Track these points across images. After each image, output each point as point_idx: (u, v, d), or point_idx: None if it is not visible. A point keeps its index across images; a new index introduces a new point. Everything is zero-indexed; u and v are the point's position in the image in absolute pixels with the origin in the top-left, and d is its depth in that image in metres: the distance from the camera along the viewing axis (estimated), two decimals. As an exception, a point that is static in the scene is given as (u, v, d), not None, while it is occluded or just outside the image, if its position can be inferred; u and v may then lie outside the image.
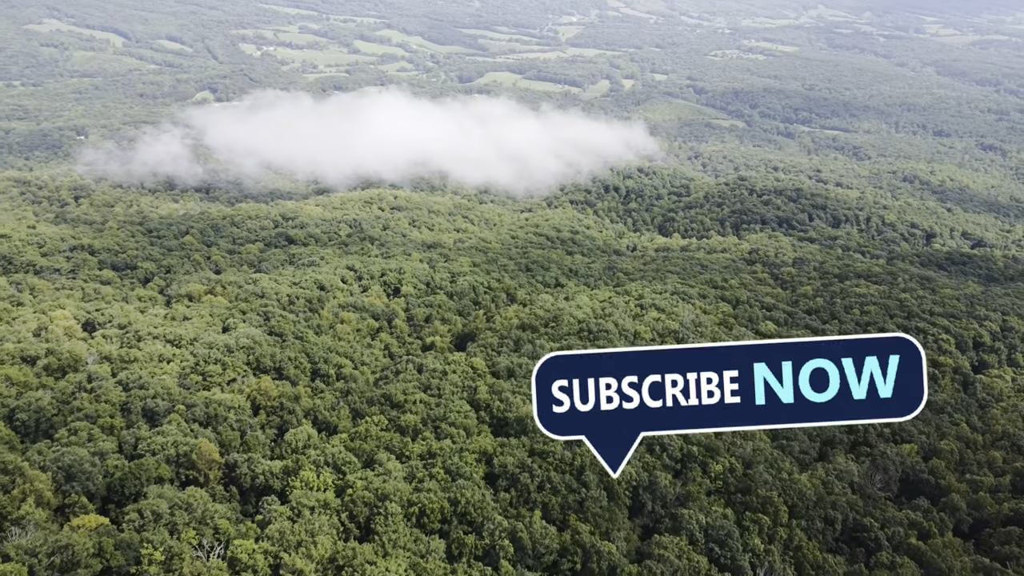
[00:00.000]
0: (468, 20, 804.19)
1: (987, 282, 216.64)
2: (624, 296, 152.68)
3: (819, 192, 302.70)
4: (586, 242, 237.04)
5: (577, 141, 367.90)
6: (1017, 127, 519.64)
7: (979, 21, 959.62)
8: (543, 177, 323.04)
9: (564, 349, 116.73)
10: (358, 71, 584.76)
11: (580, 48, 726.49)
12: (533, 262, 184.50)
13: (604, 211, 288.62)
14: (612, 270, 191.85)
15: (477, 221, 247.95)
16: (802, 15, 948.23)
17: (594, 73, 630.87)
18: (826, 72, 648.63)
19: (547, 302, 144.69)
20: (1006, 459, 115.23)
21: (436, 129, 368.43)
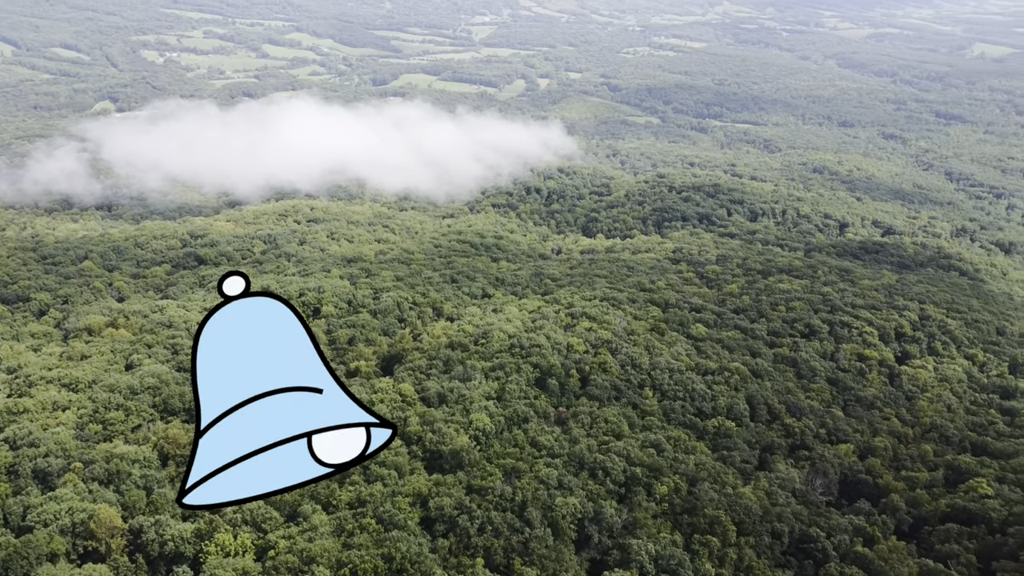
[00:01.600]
0: (380, 22, 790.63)
1: (900, 269, 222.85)
2: (554, 305, 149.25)
3: (736, 187, 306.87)
4: (511, 247, 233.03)
5: (497, 143, 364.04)
6: (915, 116, 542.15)
7: (873, 15, 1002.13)
8: (464, 181, 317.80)
9: (496, 368, 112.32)
10: (268, 76, 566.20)
11: (494, 48, 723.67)
12: (459, 272, 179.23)
13: (527, 214, 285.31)
14: (539, 276, 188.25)
15: (399, 230, 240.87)
16: (708, 11, 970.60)
17: (509, 73, 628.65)
18: (734, 67, 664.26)
19: (475, 316, 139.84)
20: (936, 452, 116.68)
21: (352, 135, 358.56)
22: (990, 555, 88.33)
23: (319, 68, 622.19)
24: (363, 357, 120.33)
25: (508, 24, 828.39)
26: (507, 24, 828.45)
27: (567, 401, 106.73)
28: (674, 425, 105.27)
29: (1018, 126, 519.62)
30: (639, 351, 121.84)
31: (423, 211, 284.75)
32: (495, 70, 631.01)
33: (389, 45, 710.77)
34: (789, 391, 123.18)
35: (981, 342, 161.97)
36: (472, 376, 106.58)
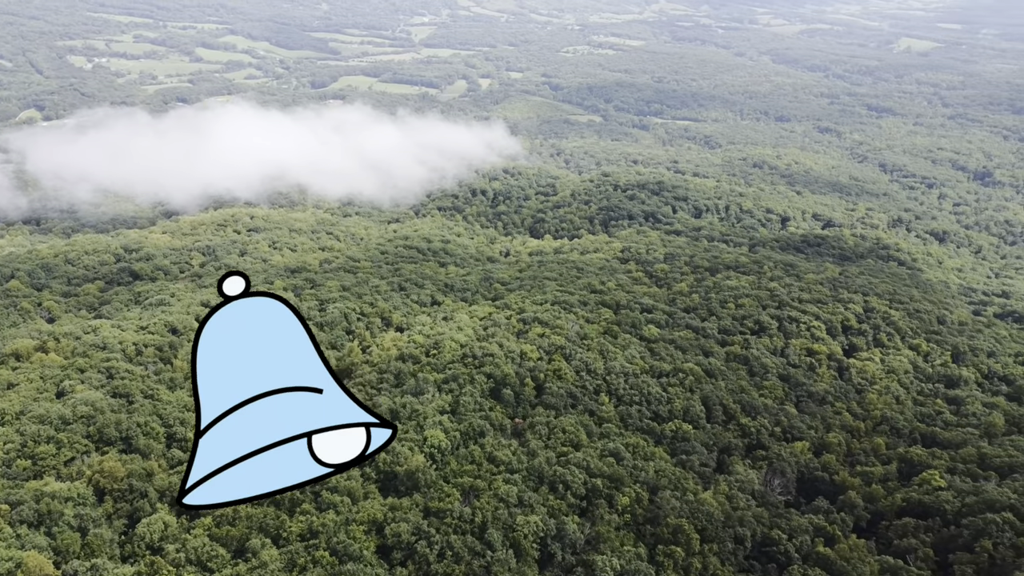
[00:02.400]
0: (317, 23, 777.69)
1: (841, 261, 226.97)
2: (505, 311, 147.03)
3: (679, 184, 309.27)
4: (459, 251, 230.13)
5: (440, 145, 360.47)
6: (848, 110, 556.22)
7: (804, 11, 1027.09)
8: (408, 185, 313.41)
9: (449, 380, 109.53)
10: (202, 80, 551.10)
11: (434, 48, 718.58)
12: (407, 280, 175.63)
13: (474, 216, 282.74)
14: (489, 281, 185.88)
15: (343, 237, 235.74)
16: (645, 10, 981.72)
17: (450, 73, 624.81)
18: (672, 64, 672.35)
19: (426, 325, 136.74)
20: (889, 444, 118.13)
21: (291, 139, 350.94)
22: (946, 547, 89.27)
23: (255, 71, 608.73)
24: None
25: (448, 24, 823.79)
26: (446, 24, 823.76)
27: (523, 411, 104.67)
28: (632, 431, 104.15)
29: (945, 117, 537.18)
30: (593, 356, 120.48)
31: (368, 216, 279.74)
32: (436, 71, 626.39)
33: (327, 47, 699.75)
34: (743, 390, 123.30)
35: (924, 332, 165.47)
36: (425, 390, 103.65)
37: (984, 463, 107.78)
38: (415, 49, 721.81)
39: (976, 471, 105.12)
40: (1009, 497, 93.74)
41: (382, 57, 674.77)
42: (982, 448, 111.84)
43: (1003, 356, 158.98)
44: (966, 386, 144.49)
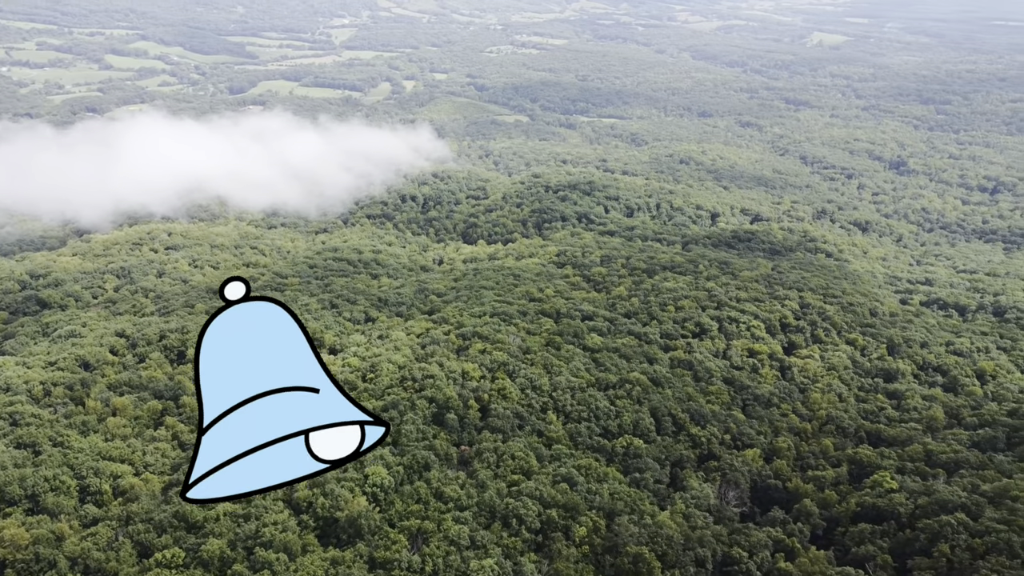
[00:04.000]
0: (233, 27, 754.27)
1: (772, 256, 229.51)
2: (443, 326, 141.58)
3: (610, 183, 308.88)
4: (391, 261, 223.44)
5: (366, 151, 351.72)
6: (767, 104, 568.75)
7: (721, 8, 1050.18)
8: (335, 192, 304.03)
9: (389, 407, 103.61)
10: (113, 88, 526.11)
11: (356, 51, 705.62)
12: (338, 296, 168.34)
13: (404, 223, 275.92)
14: (424, 292, 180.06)
15: (269, 251, 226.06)
16: (566, 8, 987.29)
17: (373, 76, 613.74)
18: (596, 63, 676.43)
19: (360, 346, 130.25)
20: (836, 445, 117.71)
21: (209, 149, 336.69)
22: (903, 552, 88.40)
23: (169, 78, 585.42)
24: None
25: (368, 26, 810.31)
26: (367, 26, 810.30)
27: (469, 437, 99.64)
28: (582, 450, 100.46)
29: (859, 109, 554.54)
30: (537, 371, 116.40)
31: (294, 228, 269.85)
32: (358, 73, 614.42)
33: (244, 51, 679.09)
34: (690, 397, 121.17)
35: (859, 325, 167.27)
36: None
37: (931, 460, 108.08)
38: (336, 52, 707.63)
39: (924, 469, 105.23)
40: (960, 496, 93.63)
41: (302, 60, 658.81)
42: (928, 445, 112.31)
43: (935, 346, 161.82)
44: (904, 379, 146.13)
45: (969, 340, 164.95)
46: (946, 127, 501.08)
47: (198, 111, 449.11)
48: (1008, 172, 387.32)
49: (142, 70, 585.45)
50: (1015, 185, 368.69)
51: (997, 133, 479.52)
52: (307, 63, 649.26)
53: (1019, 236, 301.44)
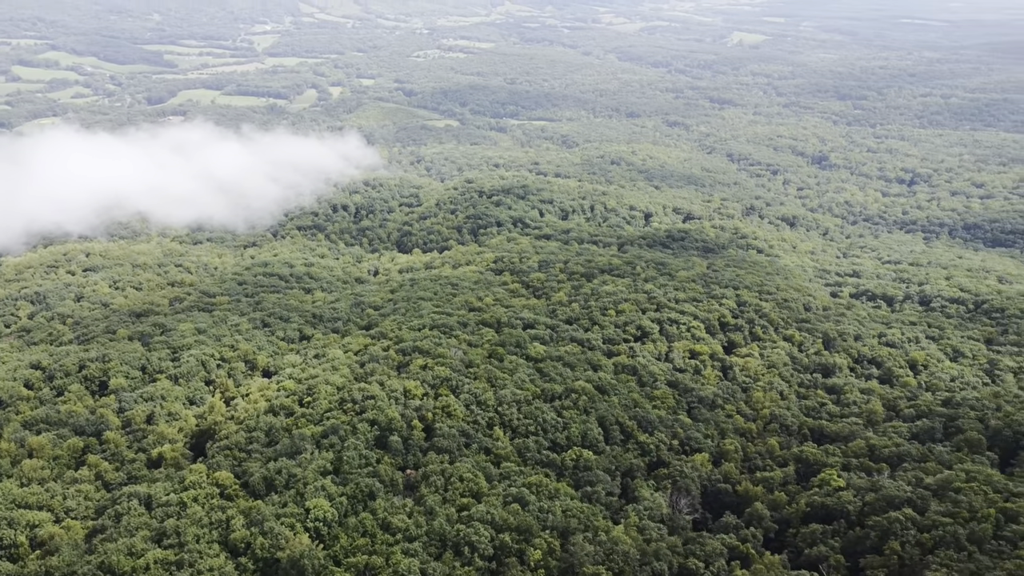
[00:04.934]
0: (149, 35, 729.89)
1: (705, 254, 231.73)
2: (381, 341, 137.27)
3: (543, 186, 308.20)
4: (324, 274, 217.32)
5: (294, 160, 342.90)
6: (692, 103, 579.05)
7: (643, 9, 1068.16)
8: (263, 204, 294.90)
9: (329, 432, 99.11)
10: (22, 101, 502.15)
11: (279, 57, 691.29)
12: (270, 314, 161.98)
13: (337, 234, 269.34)
14: (360, 306, 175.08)
15: (195, 269, 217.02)
16: (492, 12, 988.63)
17: (299, 83, 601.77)
18: (523, 66, 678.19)
19: (296, 367, 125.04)
20: (782, 444, 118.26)
21: (128, 163, 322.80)
22: (855, 551, 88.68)
23: (83, 89, 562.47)
24: (166, 439, 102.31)
25: (291, 32, 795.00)
26: (290, 32, 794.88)
27: (414, 459, 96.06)
28: (531, 466, 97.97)
29: (780, 106, 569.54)
30: (482, 385, 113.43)
31: (221, 242, 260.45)
32: (283, 81, 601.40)
33: (162, 60, 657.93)
34: (636, 403, 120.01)
35: (794, 321, 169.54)
36: (302, 448, 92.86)
37: (874, 455, 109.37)
38: (259, 59, 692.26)
39: (869, 464, 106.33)
40: (905, 490, 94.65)
41: (224, 68, 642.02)
42: (870, 439, 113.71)
43: (868, 338, 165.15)
44: (841, 373, 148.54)
45: (900, 331, 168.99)
46: (863, 122, 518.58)
47: (115, 123, 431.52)
48: (923, 164, 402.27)
49: (53, 81, 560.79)
50: (930, 176, 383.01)
51: (911, 126, 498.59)
52: (229, 71, 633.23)
53: (937, 226, 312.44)
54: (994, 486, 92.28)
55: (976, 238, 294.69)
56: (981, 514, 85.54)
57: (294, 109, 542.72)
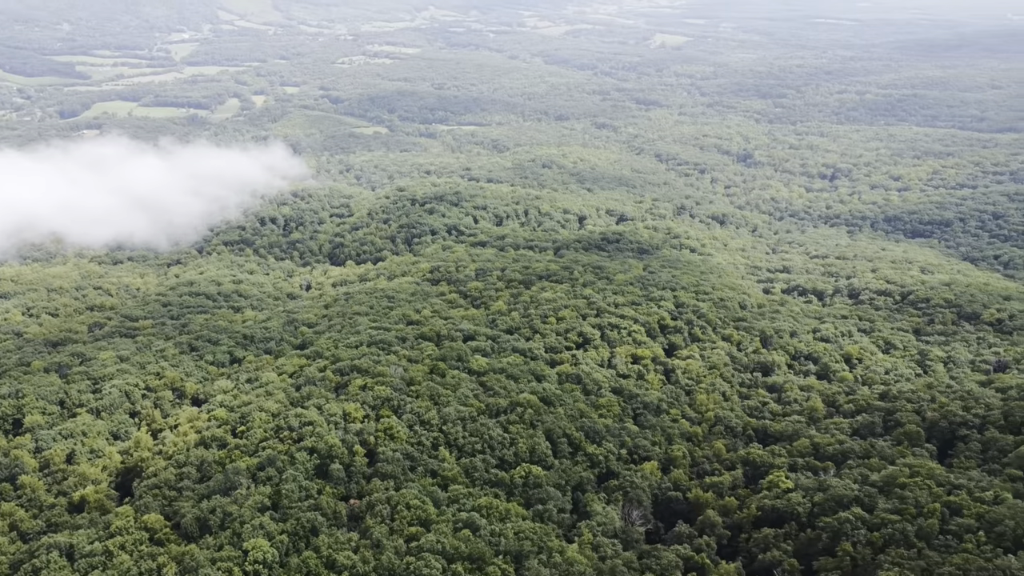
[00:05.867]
0: (59, 45, 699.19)
1: (640, 255, 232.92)
2: (317, 361, 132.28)
3: (477, 192, 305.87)
4: (254, 291, 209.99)
5: (218, 173, 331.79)
6: (619, 105, 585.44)
7: (567, 12, 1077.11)
8: (187, 220, 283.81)
9: (265, 464, 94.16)
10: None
11: (199, 66, 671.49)
12: (198, 336, 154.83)
13: (266, 248, 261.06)
14: (293, 324, 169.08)
15: (116, 291, 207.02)
16: (417, 17, 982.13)
17: (220, 92, 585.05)
18: (451, 70, 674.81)
19: (228, 393, 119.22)
20: (728, 447, 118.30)
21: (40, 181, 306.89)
22: (807, 553, 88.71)
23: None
24: (89, 480, 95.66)
25: (211, 40, 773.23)
26: (209, 40, 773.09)
27: (357, 487, 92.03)
28: (480, 486, 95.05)
29: (704, 106, 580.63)
30: (424, 404, 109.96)
31: (143, 262, 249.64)
32: (203, 90, 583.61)
33: (74, 71, 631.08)
34: (583, 413, 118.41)
35: (732, 320, 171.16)
36: (237, 483, 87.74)
37: (819, 453, 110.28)
38: (177, 68, 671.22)
39: (815, 463, 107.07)
40: (852, 489, 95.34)
41: (140, 79, 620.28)
42: (814, 438, 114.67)
43: (803, 334, 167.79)
44: (780, 371, 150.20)
45: (832, 325, 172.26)
46: (784, 119, 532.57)
47: (24, 139, 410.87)
48: (843, 159, 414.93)
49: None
50: (850, 171, 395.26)
51: (829, 123, 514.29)
52: (146, 81, 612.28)
53: (860, 219, 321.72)
54: (937, 480, 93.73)
55: (897, 230, 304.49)
56: (927, 509, 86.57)
57: (216, 119, 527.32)
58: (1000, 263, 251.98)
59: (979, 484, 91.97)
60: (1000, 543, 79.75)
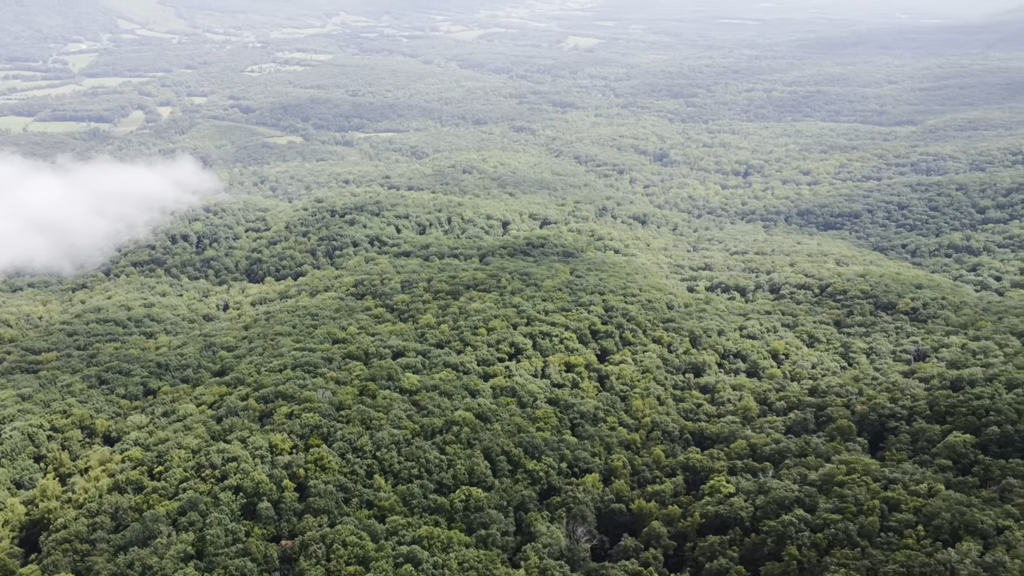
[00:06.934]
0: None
1: (566, 258, 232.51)
2: (239, 389, 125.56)
3: (398, 201, 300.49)
4: (167, 314, 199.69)
5: (125, 190, 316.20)
6: (536, 108, 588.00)
7: (480, 16, 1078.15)
8: (92, 241, 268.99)
9: (187, 508, 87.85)
10: None
11: (99, 78, 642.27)
12: (107, 368, 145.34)
13: (178, 268, 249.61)
14: (211, 348, 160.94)
15: (15, 321, 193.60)
16: (327, 23, 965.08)
17: (123, 104, 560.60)
18: (365, 77, 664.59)
19: (143, 429, 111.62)
20: (667, 452, 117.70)
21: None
22: (754, 559, 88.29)
23: None
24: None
25: (111, 50, 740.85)
26: (109, 50, 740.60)
27: (288, 526, 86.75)
28: (419, 514, 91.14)
29: (619, 107, 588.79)
30: (356, 430, 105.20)
31: (45, 288, 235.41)
32: (105, 103, 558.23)
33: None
34: (520, 428, 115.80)
35: (660, 321, 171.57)
36: (156, 531, 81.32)
37: (757, 454, 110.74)
38: (75, 80, 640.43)
39: (753, 465, 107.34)
40: (792, 490, 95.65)
41: (36, 92, 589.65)
42: (750, 438, 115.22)
43: (731, 332, 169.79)
44: (710, 370, 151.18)
45: (758, 322, 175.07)
46: (696, 118, 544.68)
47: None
48: (754, 155, 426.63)
49: None
50: (762, 167, 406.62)
51: (739, 120, 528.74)
52: (42, 95, 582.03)
53: (774, 214, 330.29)
54: (873, 475, 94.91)
55: (809, 223, 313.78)
56: (867, 507, 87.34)
57: (120, 133, 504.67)
58: (908, 252, 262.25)
59: (913, 477, 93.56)
60: (939, 536, 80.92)
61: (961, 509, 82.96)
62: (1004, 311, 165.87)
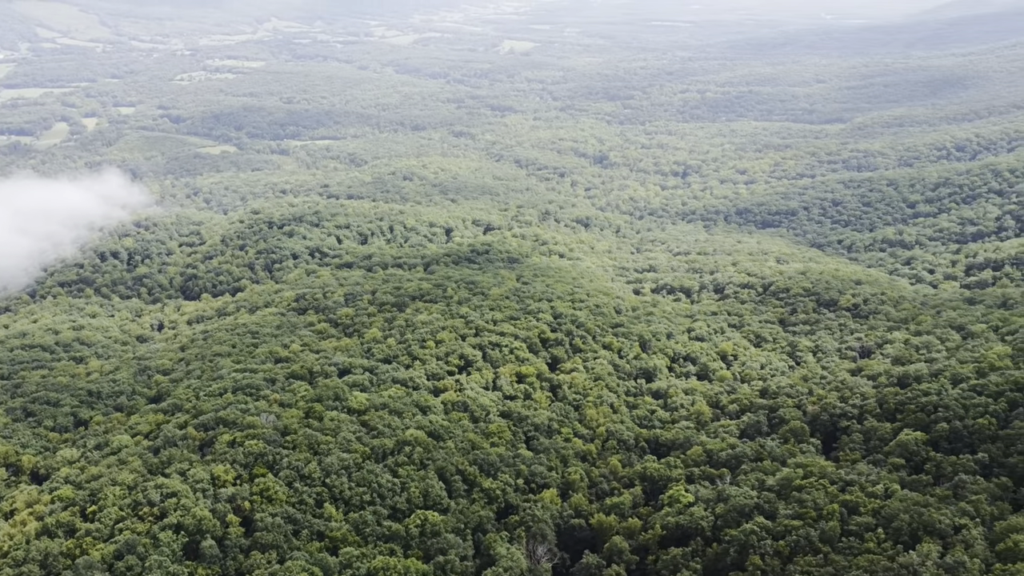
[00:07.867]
0: None
1: (511, 264, 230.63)
2: (177, 416, 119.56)
3: (337, 210, 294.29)
4: (98, 337, 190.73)
5: (49, 206, 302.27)
6: (475, 112, 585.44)
7: (414, 21, 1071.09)
8: (15, 262, 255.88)
9: (124, 552, 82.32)
10: None
11: (18, 89, 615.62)
12: (33, 398, 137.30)
13: (109, 287, 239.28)
14: (145, 372, 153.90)
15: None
16: (258, 29, 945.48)
17: (45, 116, 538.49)
18: (299, 83, 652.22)
19: (74, 466, 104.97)
20: (624, 462, 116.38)
21: None
22: (717, 569, 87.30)
23: None
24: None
25: (30, 60, 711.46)
26: (29, 60, 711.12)
27: (235, 565, 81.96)
28: (373, 543, 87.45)
29: (557, 110, 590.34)
30: (303, 456, 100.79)
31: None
32: (25, 115, 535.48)
33: None
34: (474, 445, 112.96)
35: (609, 327, 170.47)
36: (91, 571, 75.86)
37: (713, 460, 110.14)
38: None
39: (710, 471, 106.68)
40: (752, 497, 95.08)
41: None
42: (706, 444, 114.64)
43: (679, 334, 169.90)
44: (661, 375, 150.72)
45: (705, 323, 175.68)
46: (634, 120, 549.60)
47: None
48: (692, 156, 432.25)
49: None
50: (700, 167, 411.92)
51: (675, 121, 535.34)
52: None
53: (713, 213, 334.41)
54: (829, 478, 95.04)
55: (748, 221, 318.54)
56: (826, 511, 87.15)
57: (42, 146, 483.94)
58: (844, 247, 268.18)
59: (869, 478, 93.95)
60: (899, 539, 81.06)
61: (918, 510, 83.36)
62: (941, 304, 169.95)
